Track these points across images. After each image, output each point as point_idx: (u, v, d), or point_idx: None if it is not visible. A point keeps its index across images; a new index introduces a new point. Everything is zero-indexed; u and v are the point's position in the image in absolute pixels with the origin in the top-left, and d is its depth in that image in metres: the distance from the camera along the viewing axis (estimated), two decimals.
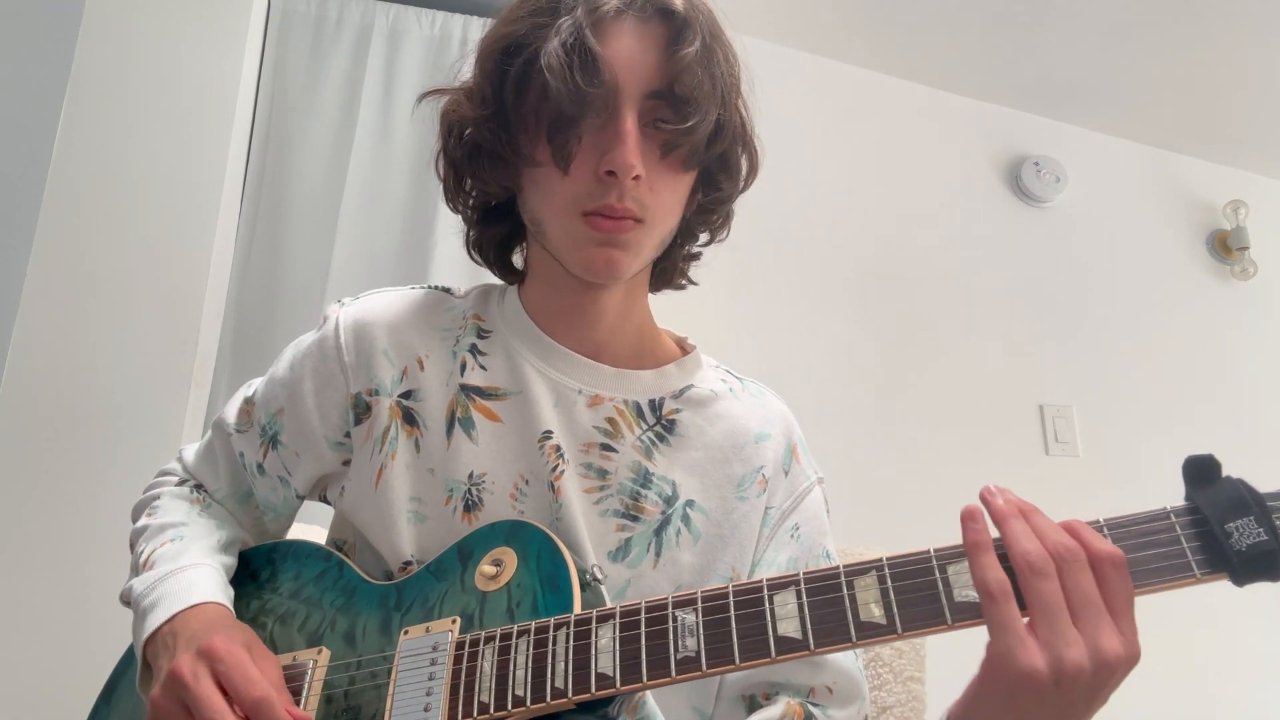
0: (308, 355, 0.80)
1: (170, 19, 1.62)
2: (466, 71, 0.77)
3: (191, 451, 0.89)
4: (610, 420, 0.76)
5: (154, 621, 0.68)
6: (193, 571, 0.72)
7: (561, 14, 0.67)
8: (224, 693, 0.60)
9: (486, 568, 0.67)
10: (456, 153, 0.76)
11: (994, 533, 0.52)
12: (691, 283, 0.88)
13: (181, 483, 0.86)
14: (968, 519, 0.52)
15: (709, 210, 0.81)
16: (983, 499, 0.53)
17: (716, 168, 0.77)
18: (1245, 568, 0.47)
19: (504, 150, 0.71)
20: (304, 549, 0.80)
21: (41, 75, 1.51)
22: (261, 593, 0.78)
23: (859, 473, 2.09)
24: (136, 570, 0.76)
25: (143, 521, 0.81)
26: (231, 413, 0.84)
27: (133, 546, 0.80)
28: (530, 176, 0.72)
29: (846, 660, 0.74)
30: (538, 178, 0.71)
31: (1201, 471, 0.50)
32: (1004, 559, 0.51)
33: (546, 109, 0.67)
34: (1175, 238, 2.60)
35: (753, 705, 0.73)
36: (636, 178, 0.68)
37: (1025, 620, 0.49)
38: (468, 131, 0.73)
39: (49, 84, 1.51)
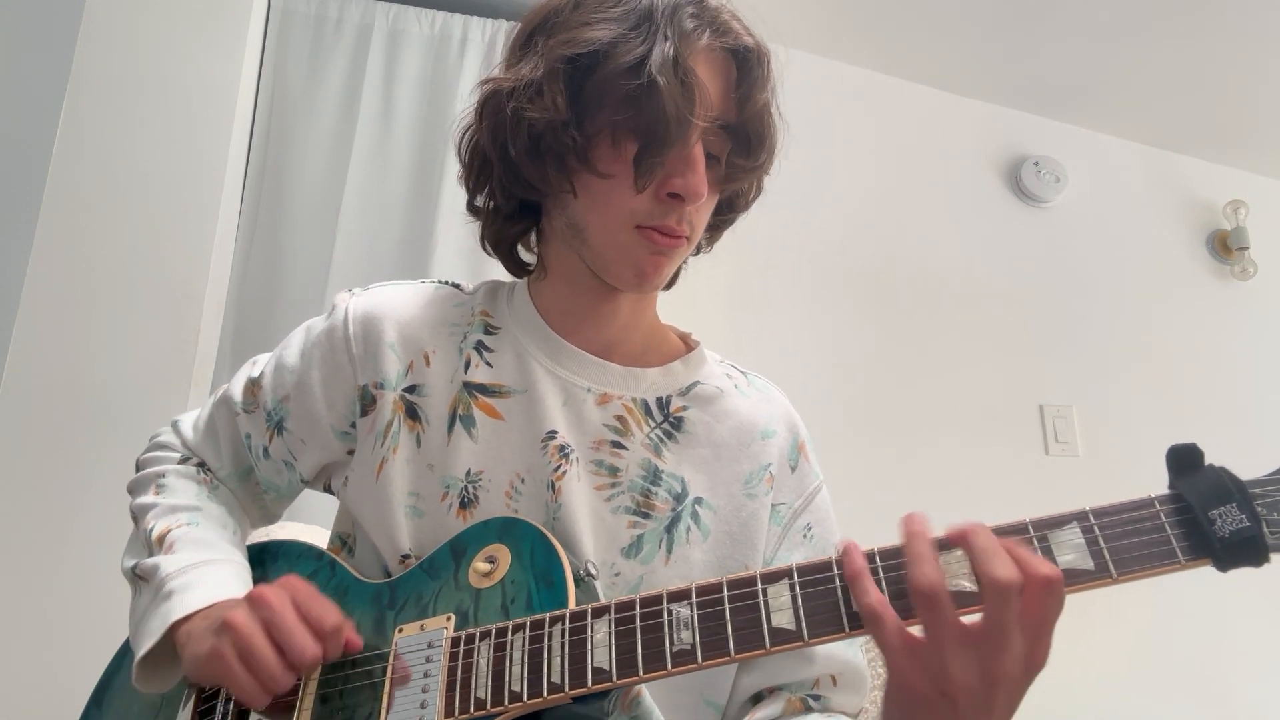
0: (316, 344, 0.80)
1: (170, 19, 1.62)
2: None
3: (189, 425, 0.87)
4: (619, 418, 0.76)
5: (193, 602, 0.68)
6: (228, 567, 0.73)
7: (652, 31, 0.66)
8: None
9: (480, 565, 0.67)
10: (512, 146, 0.71)
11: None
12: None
13: (184, 459, 0.85)
14: (844, 554, 0.54)
15: (715, 228, 0.84)
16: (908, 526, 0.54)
17: (734, 194, 0.80)
18: (1229, 554, 0.48)
19: (572, 156, 0.68)
20: (295, 549, 0.80)
21: (41, 75, 1.52)
22: None
23: (859, 473, 2.08)
24: (149, 545, 0.75)
25: (149, 498, 0.79)
26: (237, 391, 0.84)
27: (137, 519, 0.79)
28: (586, 183, 0.70)
29: (850, 652, 0.75)
30: (595, 187, 0.70)
31: (1184, 460, 0.51)
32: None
33: (630, 127, 0.66)
34: (1175, 238, 2.60)
35: (758, 701, 0.74)
36: None
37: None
38: (529, 129, 0.69)
39: (49, 84, 1.51)
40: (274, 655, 0.62)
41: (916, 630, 0.51)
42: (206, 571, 0.71)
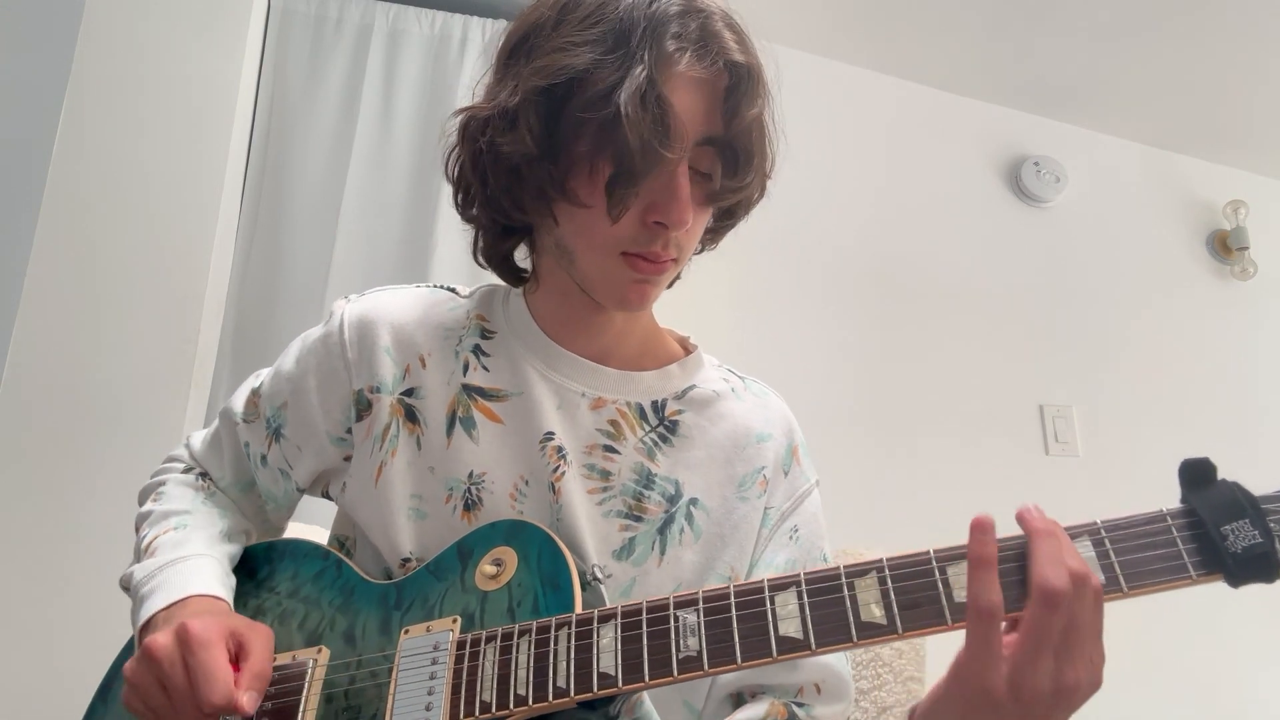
0: (312, 351, 0.81)
1: (170, 19, 1.62)
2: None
3: (199, 439, 0.89)
4: (613, 422, 0.76)
5: (150, 608, 0.68)
6: (194, 562, 0.73)
7: (629, 54, 0.63)
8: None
9: (487, 567, 0.67)
10: (490, 175, 0.70)
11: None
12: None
13: (187, 470, 0.87)
14: (977, 530, 0.52)
15: (716, 232, 0.83)
16: (1020, 518, 0.53)
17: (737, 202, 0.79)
18: (1241, 569, 0.48)
19: (550, 187, 0.67)
20: (301, 548, 0.80)
21: (41, 75, 1.51)
22: (259, 592, 0.78)
23: (859, 473, 2.09)
24: (138, 555, 0.76)
25: (148, 507, 0.81)
26: (239, 402, 0.85)
27: (137, 530, 0.81)
28: (567, 212, 0.69)
29: (835, 659, 0.74)
30: (577, 215, 0.68)
31: (1197, 474, 0.51)
32: (1005, 569, 0.51)
33: (607, 156, 0.64)
34: (1175, 238, 2.60)
35: (739, 703, 0.73)
36: None
37: (1006, 635, 0.50)
38: (506, 159, 0.68)
39: (49, 84, 1.51)
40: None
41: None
42: (171, 571, 0.71)
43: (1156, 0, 2.06)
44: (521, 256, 0.84)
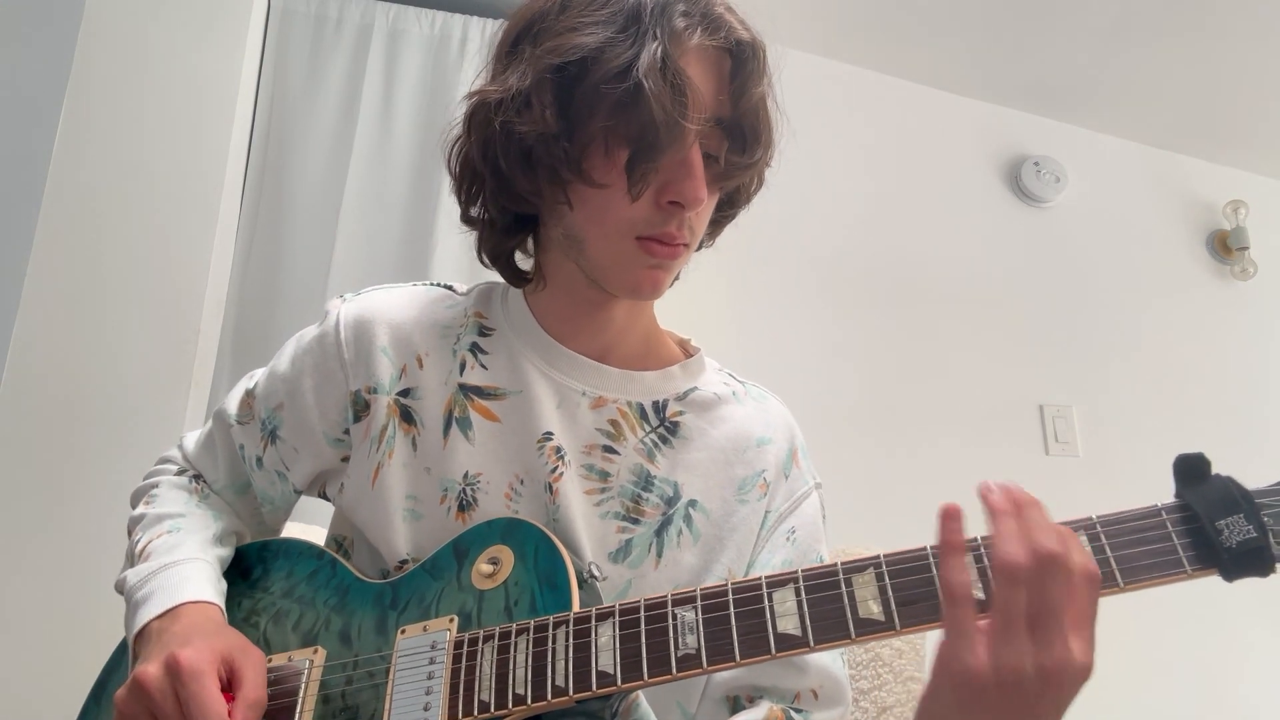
0: (308, 351, 0.80)
1: (170, 19, 1.62)
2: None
3: (192, 440, 0.88)
4: (613, 422, 0.76)
5: (144, 616, 0.68)
6: (186, 567, 0.72)
7: (641, 33, 0.64)
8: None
9: (483, 566, 0.67)
10: (503, 160, 0.69)
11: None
12: None
13: (181, 472, 0.86)
14: (945, 518, 0.52)
15: (717, 223, 0.82)
16: (981, 495, 0.52)
17: (735, 189, 0.79)
18: (1235, 564, 0.49)
19: (564, 168, 0.66)
20: (295, 547, 0.80)
21: (41, 75, 1.51)
22: (254, 592, 0.78)
23: (860, 473, 2.09)
24: (132, 559, 0.76)
25: (140, 510, 0.81)
26: (233, 404, 0.84)
27: (130, 534, 0.80)
28: (581, 195, 0.68)
29: (833, 664, 0.74)
30: (591, 198, 0.68)
31: (1192, 469, 0.51)
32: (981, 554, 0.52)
33: (624, 133, 0.64)
34: (1175, 238, 2.60)
35: (736, 707, 0.73)
36: None
37: (983, 620, 0.49)
38: (521, 140, 0.67)
39: (49, 84, 1.51)
40: None
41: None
42: (163, 577, 0.71)
43: (1156, 1, 2.06)
44: (520, 259, 0.83)
